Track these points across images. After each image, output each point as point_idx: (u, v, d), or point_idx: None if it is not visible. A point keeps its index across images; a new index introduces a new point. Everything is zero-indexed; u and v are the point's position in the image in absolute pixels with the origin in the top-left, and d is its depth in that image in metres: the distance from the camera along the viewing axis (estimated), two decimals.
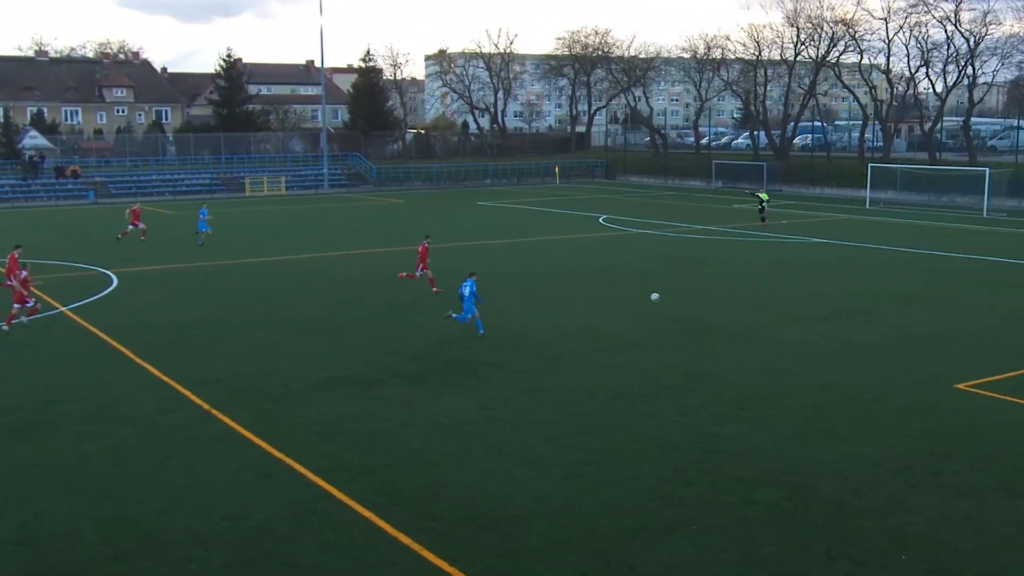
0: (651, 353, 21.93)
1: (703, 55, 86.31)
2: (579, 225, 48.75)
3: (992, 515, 13.01)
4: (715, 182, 76.00)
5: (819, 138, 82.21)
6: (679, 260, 36.58)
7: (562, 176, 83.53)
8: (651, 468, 14.75)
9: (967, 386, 19.08)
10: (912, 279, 32.07)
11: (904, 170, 63.22)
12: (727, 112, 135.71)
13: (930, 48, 71.26)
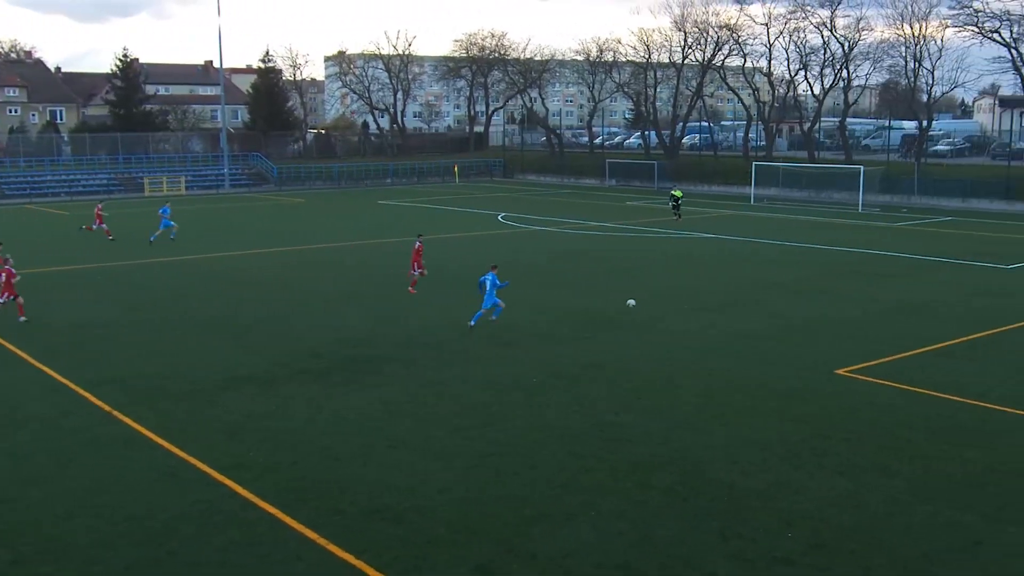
0: (549, 346, 22.11)
1: (596, 58, 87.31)
2: (479, 223, 48.82)
3: (868, 492, 13.51)
4: (609, 180, 76.94)
5: (706, 138, 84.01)
6: (575, 255, 36.94)
7: (461, 175, 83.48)
8: (551, 457, 14.88)
9: (846, 371, 19.74)
10: (794, 271, 33.02)
11: (785, 168, 65.08)
12: (619, 113, 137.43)
13: (808, 52, 73.53)
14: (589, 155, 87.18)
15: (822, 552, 11.73)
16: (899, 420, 16.68)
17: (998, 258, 35.91)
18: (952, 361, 20.78)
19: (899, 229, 46.61)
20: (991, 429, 16.24)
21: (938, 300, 27.73)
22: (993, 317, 25.03)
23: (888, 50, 71.69)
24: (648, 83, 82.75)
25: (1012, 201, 55.92)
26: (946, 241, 41.53)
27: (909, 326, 24.22)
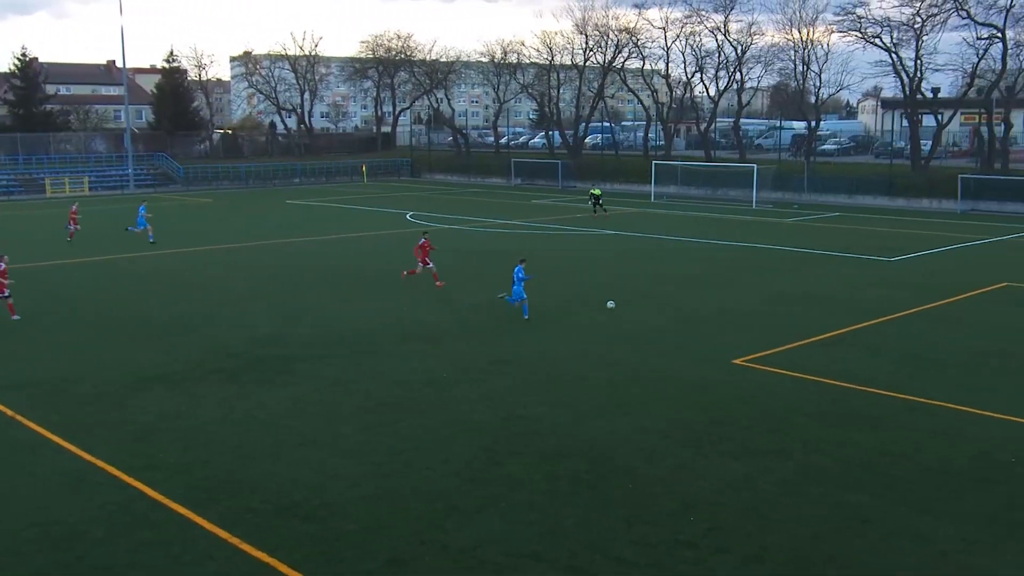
0: (459, 341, 22.11)
1: (500, 60, 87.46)
2: (387, 221, 48.50)
3: (763, 476, 13.86)
4: (514, 179, 77.20)
5: (608, 137, 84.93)
6: (483, 253, 36.98)
7: (369, 175, 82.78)
8: (461, 451, 14.89)
9: (742, 361, 20.21)
10: (693, 266, 33.65)
11: (684, 166, 66.24)
12: (524, 113, 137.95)
13: (703, 55, 74.86)
14: (495, 155, 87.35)
15: (721, 534, 11.99)
16: (792, 406, 17.15)
17: (882, 251, 37.18)
18: (842, 349, 21.45)
19: (791, 224, 47.89)
20: (878, 413, 16.81)
21: (828, 291, 28.58)
22: (879, 307, 25.91)
23: (778, 54, 73.50)
24: (551, 84, 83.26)
25: (894, 197, 57.95)
26: (834, 235, 42.84)
27: (801, 317, 24.91)
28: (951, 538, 11.87)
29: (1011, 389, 18.28)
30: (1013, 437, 15.53)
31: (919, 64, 62.31)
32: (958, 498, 13.09)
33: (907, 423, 16.29)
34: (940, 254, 37.02)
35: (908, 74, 62.60)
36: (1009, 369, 19.78)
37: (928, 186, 57.57)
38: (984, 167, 59.47)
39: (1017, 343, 22.02)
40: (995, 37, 58.50)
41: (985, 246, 39.68)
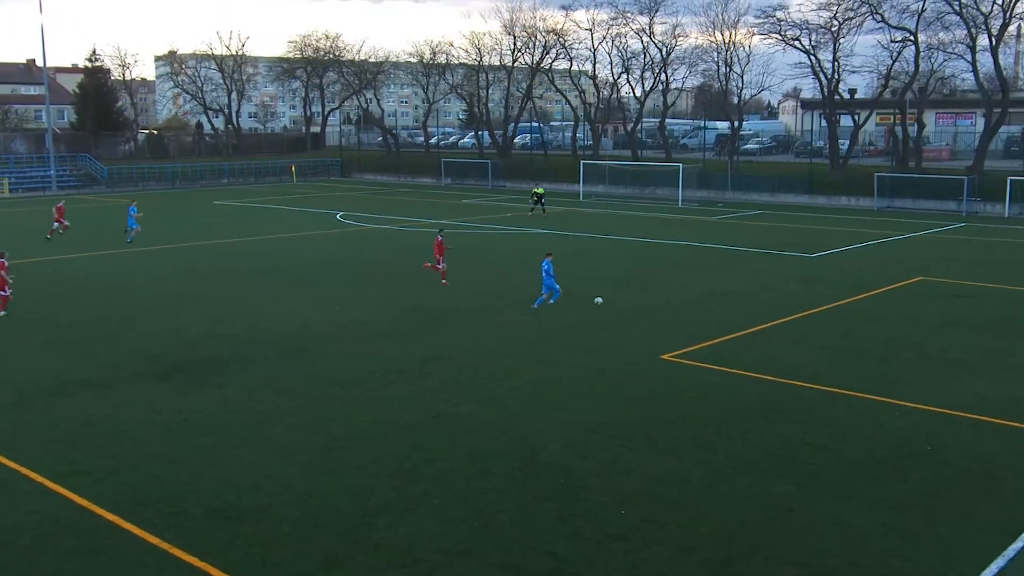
0: (390, 341, 21.99)
1: (429, 60, 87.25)
2: (318, 222, 48.01)
3: (692, 468, 14.06)
4: (444, 179, 77.06)
5: (537, 137, 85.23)
6: (414, 252, 36.81)
7: (299, 175, 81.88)
8: (393, 449, 14.82)
9: (670, 356, 20.46)
10: (621, 263, 33.96)
11: (611, 166, 66.80)
12: (453, 113, 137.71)
13: (629, 57, 75.67)
14: (425, 155, 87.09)
15: (653, 527, 12.13)
16: (719, 400, 17.42)
17: (803, 247, 37.96)
18: (766, 343, 21.85)
19: (716, 222, 48.61)
20: (801, 405, 17.17)
21: (752, 287, 29.09)
22: (800, 302, 26.46)
23: (702, 55, 74.65)
24: (480, 85, 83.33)
25: (814, 195, 59.20)
26: (757, 233, 43.61)
27: (727, 312, 25.31)
28: (871, 524, 12.18)
29: (926, 379, 18.82)
30: (928, 426, 15.99)
31: (836, 66, 63.83)
32: (877, 485, 13.43)
33: (828, 414, 16.66)
34: (858, 250, 37.94)
35: (826, 75, 64.04)
36: (924, 360, 20.35)
37: (846, 184, 58.96)
38: (899, 166, 61.09)
39: (931, 335, 22.68)
40: (908, 40, 60.17)
41: (901, 242, 40.78)
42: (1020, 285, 29.32)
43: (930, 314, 25.05)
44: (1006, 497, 13.05)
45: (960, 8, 56.15)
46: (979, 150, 58.47)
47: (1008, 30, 58.93)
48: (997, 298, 27.37)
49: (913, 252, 37.41)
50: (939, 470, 14.02)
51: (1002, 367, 19.78)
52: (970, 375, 19.15)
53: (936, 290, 28.67)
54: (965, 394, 17.75)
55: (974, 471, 13.97)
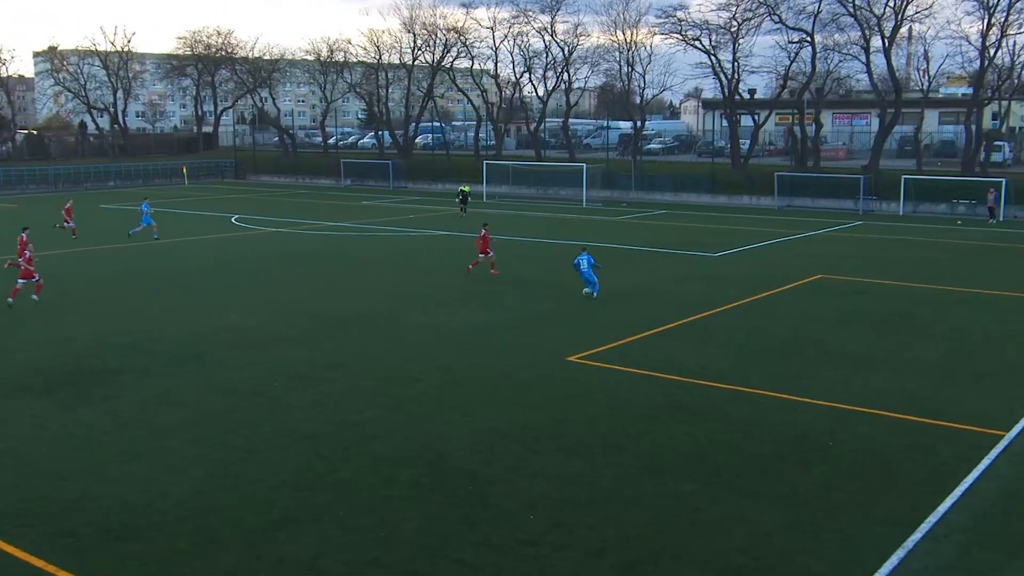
0: (290, 347, 21.68)
1: (327, 58, 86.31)
2: (211, 225, 47.02)
3: (601, 470, 14.24)
4: (344, 180, 76.35)
5: (439, 137, 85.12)
6: (313, 256, 36.41)
7: (191, 176, 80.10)
8: (295, 460, 14.61)
9: (576, 358, 20.67)
10: (526, 264, 34.14)
11: (515, 166, 67.14)
12: (352, 113, 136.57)
13: (532, 56, 76.22)
14: (323, 155, 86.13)
15: (562, 530, 12.23)
16: (627, 400, 17.68)
17: (706, 246, 38.80)
18: (671, 343, 22.26)
19: (620, 222, 49.31)
20: (707, 404, 17.54)
21: (656, 287, 29.60)
22: (704, 301, 27.03)
23: (604, 55, 75.73)
24: (380, 84, 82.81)
25: (716, 194, 60.59)
26: (661, 232, 44.40)
27: (632, 312, 25.69)
28: (776, 520, 12.53)
29: (826, 375, 19.43)
30: (829, 421, 16.52)
31: (736, 66, 65.50)
32: (781, 481, 13.82)
33: (734, 412, 17.06)
34: (760, 249, 38.96)
35: (726, 76, 65.64)
36: (824, 357, 21.02)
37: (747, 184, 60.52)
38: (798, 165, 62.96)
39: (832, 332, 23.43)
40: (805, 41, 62.12)
41: (801, 240, 42.02)
42: (915, 282, 30.52)
43: (830, 311, 25.87)
44: (904, 489, 13.57)
45: (854, 10, 58.23)
46: (874, 149, 60.71)
47: (900, 32, 61.31)
48: (893, 294, 28.43)
49: (813, 250, 38.59)
50: (840, 464, 14.50)
51: (898, 362, 20.56)
52: (868, 370, 19.85)
53: (835, 288, 29.64)
54: (864, 389, 18.40)
55: (873, 464, 14.49)
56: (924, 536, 11.99)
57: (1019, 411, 16.92)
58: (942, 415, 16.77)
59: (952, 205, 53.23)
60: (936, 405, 17.39)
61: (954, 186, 53.50)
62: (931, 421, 16.46)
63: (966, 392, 18.36)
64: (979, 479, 13.83)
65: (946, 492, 13.29)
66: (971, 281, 30.56)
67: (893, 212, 53.91)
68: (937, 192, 53.59)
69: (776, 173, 58.61)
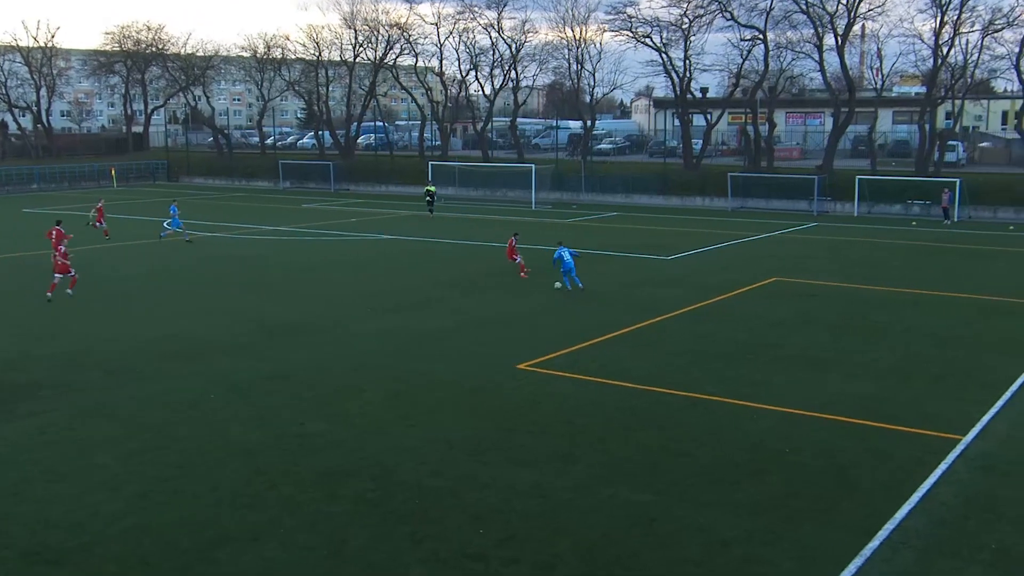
0: (228, 357, 21.44)
1: (263, 55, 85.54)
2: (143, 230, 46.31)
3: (552, 481, 14.27)
4: (283, 183, 75.72)
5: (382, 137, 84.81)
6: (251, 261, 36.06)
7: (120, 179, 78.88)
8: (233, 475, 14.45)
9: (526, 365, 20.71)
10: (474, 268, 34.15)
11: (461, 167, 67.11)
12: (291, 112, 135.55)
13: (478, 53, 76.24)
14: (261, 156, 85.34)
15: (512, 544, 12.24)
16: (578, 409, 17.75)
17: (659, 249, 39.11)
18: (623, 349, 22.39)
19: (570, 225, 49.50)
20: (661, 411, 17.67)
21: (607, 291, 29.76)
22: (657, 305, 27.24)
23: (552, 52, 75.93)
24: (320, 82, 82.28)
25: (668, 196, 61.09)
26: (612, 235, 44.67)
27: (583, 317, 25.79)
28: (732, 529, 12.66)
29: (782, 380, 19.69)
30: (785, 427, 16.75)
31: (688, 64, 66.11)
32: (737, 490, 13.96)
33: (688, 420, 17.21)
34: (713, 251, 39.36)
35: (678, 74, 66.24)
36: (780, 361, 21.29)
37: (700, 184, 61.14)
38: (751, 165, 63.75)
39: (787, 336, 23.75)
40: (757, 39, 62.90)
41: (755, 242, 42.54)
42: (869, 284, 31.05)
43: (785, 314, 26.22)
44: (862, 495, 13.79)
45: (807, 7, 59.12)
46: (828, 149, 61.67)
47: (853, 30, 62.42)
48: (847, 297, 28.90)
49: (767, 252, 39.08)
50: (797, 471, 14.70)
51: (854, 365, 20.90)
52: (824, 374, 20.15)
53: (790, 290, 30.05)
54: (820, 394, 18.67)
55: (831, 471, 14.70)
56: (882, 543, 12.19)
57: (975, 414, 17.29)
58: (898, 419, 17.08)
59: (907, 206, 54.27)
60: (892, 409, 17.70)
61: (908, 186, 54.56)
62: (887, 426, 16.76)
63: (922, 395, 18.72)
64: (936, 484, 14.11)
65: (904, 498, 13.53)
66: (926, 283, 31.18)
67: (848, 213, 54.81)
68: (892, 192, 54.61)
69: (729, 174, 59.27)
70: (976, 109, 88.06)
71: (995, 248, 40.62)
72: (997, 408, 17.77)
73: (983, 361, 21.41)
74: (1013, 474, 14.65)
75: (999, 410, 17.69)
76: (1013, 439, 16.31)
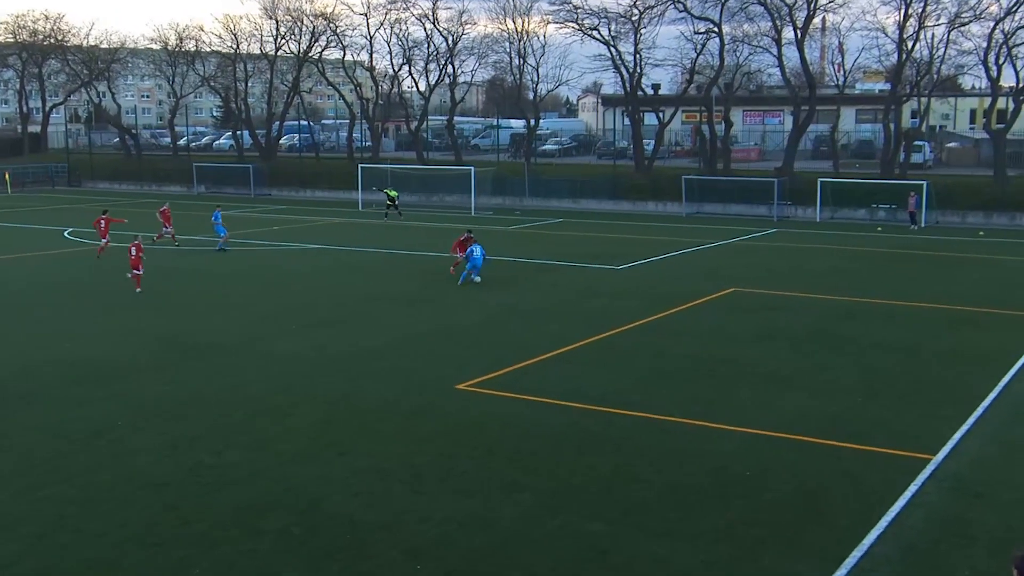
0: (136, 380, 21.08)
1: (175, 47, 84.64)
2: (39, 240, 45.47)
3: (497, 510, 14.22)
4: (197, 187, 74.93)
5: (307, 138, 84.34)
6: (163, 272, 35.52)
7: (14, 184, 77.46)
8: (143, 511, 14.18)
9: (466, 386, 20.65)
10: (408, 281, 34.04)
11: (394, 170, 66.92)
12: (206, 110, 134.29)
13: (411, 46, 76.13)
14: (173, 158, 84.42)
15: None
16: (524, 432, 17.72)
17: (608, 258, 39.33)
18: (572, 366, 22.43)
19: (513, 232, 49.61)
20: (614, 434, 17.72)
21: (555, 304, 29.83)
22: (608, 319, 27.35)
23: (492, 45, 76.14)
24: (238, 77, 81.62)
25: (619, 200, 61.54)
26: (559, 243, 44.83)
27: (527, 333, 25.82)
28: (690, 559, 12.70)
29: (743, 399, 19.86)
30: (747, 449, 16.88)
31: (638, 59, 66.68)
32: (696, 517, 14.03)
33: (643, 442, 17.27)
34: (667, 260, 39.70)
35: (628, 69, 66.80)
36: (741, 378, 21.48)
37: (653, 188, 61.69)
38: (707, 168, 64.45)
39: (748, 350, 23.98)
40: (712, 32, 63.67)
41: (711, 250, 42.98)
42: (834, 294, 31.51)
43: (745, 328, 26.48)
44: (829, 521, 13.93)
45: None
46: (788, 150, 62.54)
47: (813, 22, 63.47)
48: (811, 308, 29.30)
49: (724, 261, 39.49)
50: (760, 496, 14.81)
51: (819, 382, 21.17)
52: (788, 392, 20.38)
53: (750, 302, 30.38)
54: (784, 413, 18.87)
55: (796, 495, 14.84)
56: (850, 571, 12.32)
57: (946, 432, 17.59)
58: (866, 438, 17.31)
59: (872, 210, 55.28)
60: (859, 428, 17.94)
61: (873, 189, 55.58)
62: (854, 445, 16.97)
63: (890, 412, 19.01)
64: (907, 507, 14.30)
65: (872, 523, 13.69)
66: (893, 292, 31.72)
67: (809, 218, 55.66)
68: (856, 196, 55.57)
69: (683, 177, 59.85)
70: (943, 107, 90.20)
71: (965, 255, 41.52)
72: (968, 425, 18.10)
73: (954, 375, 21.83)
74: (986, 495, 14.91)
75: (971, 427, 18.02)
76: (985, 458, 16.62)
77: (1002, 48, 56.82)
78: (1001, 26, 56.14)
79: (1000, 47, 56.81)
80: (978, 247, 44.03)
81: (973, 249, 43.29)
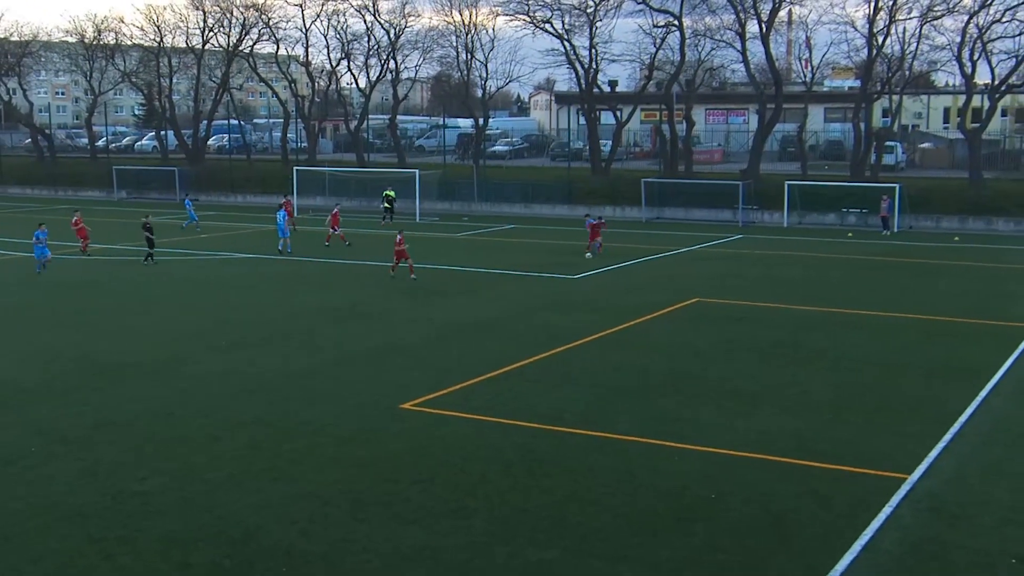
0: (49, 403, 20.85)
1: (93, 40, 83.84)
2: None
3: (444, 539, 14.23)
4: (118, 192, 74.23)
5: (237, 138, 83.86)
6: (76, 287, 35.17)
7: None
8: (59, 543, 14.04)
9: (411, 405, 20.64)
10: (346, 293, 33.94)
11: (332, 173, 66.73)
12: (127, 108, 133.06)
13: (350, 39, 76.03)
14: (91, 161, 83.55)
15: None
16: (473, 454, 17.75)
17: (564, 267, 39.47)
18: (524, 384, 22.50)
19: (461, 239, 49.65)
20: (567, 455, 17.79)
21: (506, 317, 29.90)
22: (562, 333, 27.45)
23: (438, 39, 76.27)
24: (162, 72, 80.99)
25: (574, 205, 61.66)
26: (510, 251, 44.96)
27: (477, 348, 25.86)
28: None
29: (706, 416, 20.04)
30: (710, 469, 17.03)
31: (594, 54, 67.14)
32: (657, 543, 14.13)
33: (598, 463, 17.36)
34: (626, 269, 39.91)
35: (583, 65, 67.22)
36: (704, 395, 21.67)
37: (611, 191, 61.95)
38: (667, 170, 64.89)
39: (711, 365, 24.20)
40: (672, 25, 64.20)
41: (673, 258, 43.31)
42: (803, 304, 31.89)
43: (709, 341, 26.71)
44: (797, 545, 14.09)
45: None
46: (753, 151, 63.11)
47: (779, 15, 64.24)
48: (778, 319, 29.62)
49: (687, 269, 39.81)
50: (725, 520, 14.95)
51: (786, 398, 21.41)
52: (753, 408, 20.58)
53: (713, 313, 30.65)
54: (749, 431, 19.06)
55: (763, 519, 14.99)
56: None
57: (920, 450, 17.86)
58: (837, 458, 17.54)
59: (842, 214, 56.01)
60: (830, 447, 18.17)
61: (843, 193, 56.29)
62: (825, 465, 17.19)
63: (862, 430, 19.26)
64: (880, 530, 14.50)
65: (844, 547, 13.87)
66: (864, 302, 32.14)
67: (777, 223, 56.25)
68: (825, 200, 56.26)
69: (643, 180, 60.19)
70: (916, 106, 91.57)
71: (939, 262, 42.17)
72: (944, 443, 18.38)
73: (928, 390, 22.17)
74: (963, 517, 15.15)
75: (946, 445, 18.30)
76: (962, 478, 16.89)
77: (976, 43, 57.87)
78: (975, 20, 57.25)
79: (974, 42, 57.86)
80: (953, 254, 44.73)
81: (948, 256, 43.98)
